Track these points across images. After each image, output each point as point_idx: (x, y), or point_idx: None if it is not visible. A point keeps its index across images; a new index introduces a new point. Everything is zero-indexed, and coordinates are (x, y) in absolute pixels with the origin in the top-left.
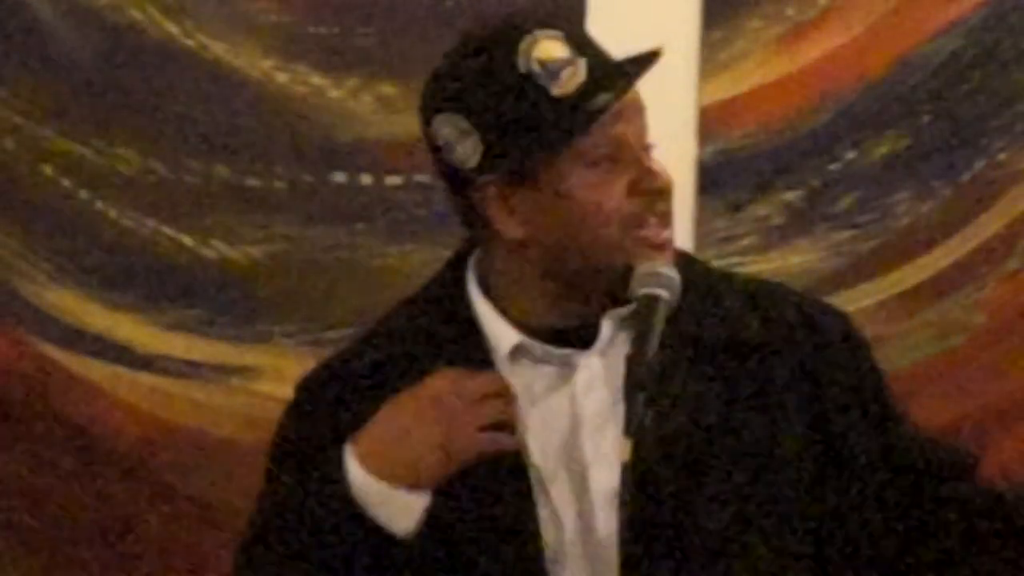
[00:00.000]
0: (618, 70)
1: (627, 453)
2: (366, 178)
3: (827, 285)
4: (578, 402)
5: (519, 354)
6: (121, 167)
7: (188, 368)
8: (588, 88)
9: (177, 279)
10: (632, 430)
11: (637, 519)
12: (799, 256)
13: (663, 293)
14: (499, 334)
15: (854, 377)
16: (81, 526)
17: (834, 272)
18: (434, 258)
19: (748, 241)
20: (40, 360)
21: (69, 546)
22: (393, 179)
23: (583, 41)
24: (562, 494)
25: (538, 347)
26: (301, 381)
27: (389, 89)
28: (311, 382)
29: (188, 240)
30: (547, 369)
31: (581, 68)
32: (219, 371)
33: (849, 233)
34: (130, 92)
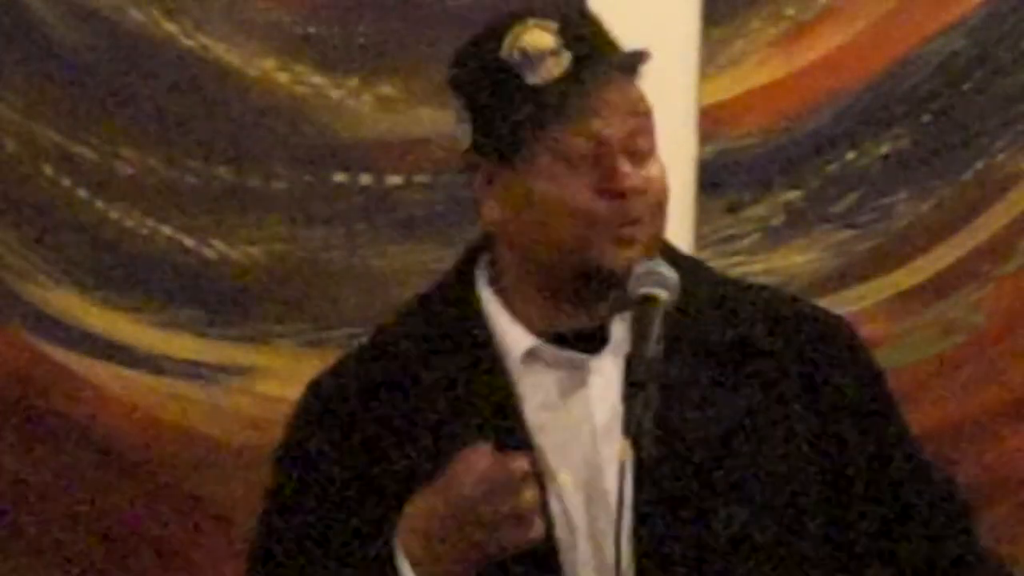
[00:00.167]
0: (602, 66)
1: (626, 453)
2: (366, 178)
3: (827, 285)
4: (594, 406)
5: (531, 358)
6: (121, 167)
7: (188, 368)
8: (565, 81)
9: (177, 279)
10: (631, 430)
11: (648, 523)
12: (799, 256)
13: (661, 293)
14: (511, 337)
15: (858, 383)
16: (81, 526)
17: (834, 272)
18: (434, 258)
19: (748, 241)
20: (40, 360)
21: (69, 546)
22: (393, 179)
23: (578, 36)
24: (575, 496)
25: (551, 351)
26: (311, 383)
27: (389, 89)
28: (321, 384)
29: (188, 240)
30: (559, 373)
31: (564, 60)
32: (219, 371)
33: (849, 233)
34: (130, 92)
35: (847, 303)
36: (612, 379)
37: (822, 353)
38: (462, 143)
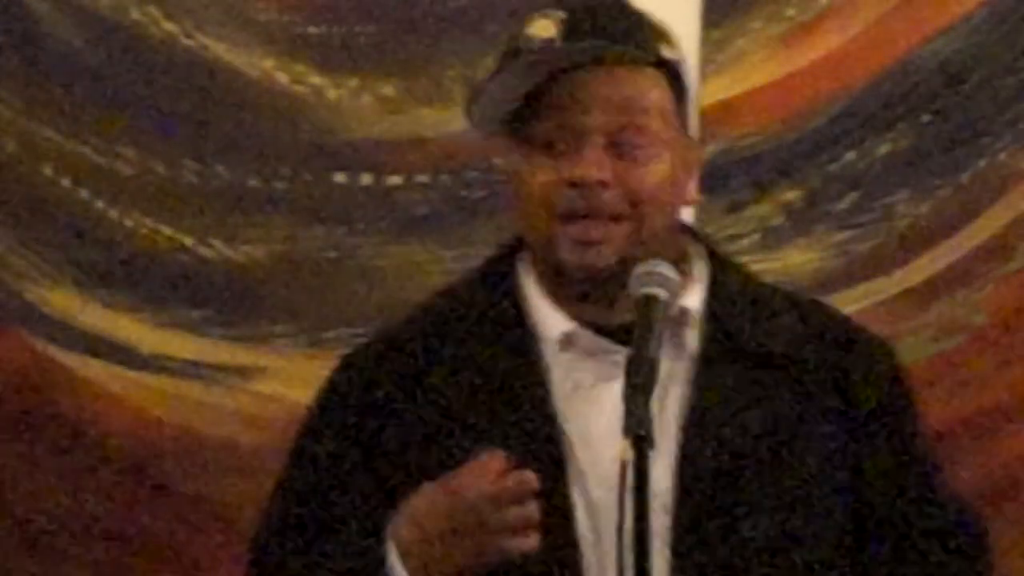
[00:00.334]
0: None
1: (626, 452)
2: (366, 178)
3: (827, 285)
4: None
5: (567, 344)
6: (121, 167)
7: (188, 368)
8: (553, 69)
9: (177, 279)
10: (632, 430)
11: (679, 527)
12: (799, 256)
13: (661, 292)
14: (549, 321)
15: (890, 408)
16: (81, 526)
17: (834, 272)
18: (434, 258)
19: (748, 241)
20: (40, 360)
21: (69, 546)
22: (393, 179)
23: (584, 27)
24: (597, 488)
25: (588, 338)
26: (344, 357)
27: (389, 89)
28: (355, 356)
29: (188, 240)
30: (593, 363)
31: (558, 50)
32: (219, 371)
33: (849, 233)
34: (130, 92)
35: (847, 303)
36: None
37: (859, 373)
38: None
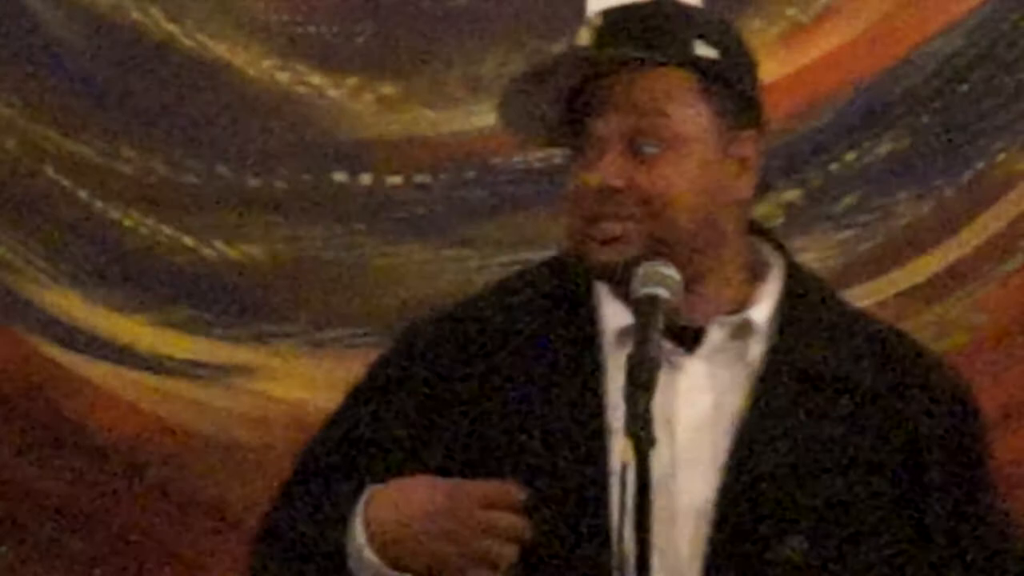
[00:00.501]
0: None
1: (628, 453)
2: (366, 178)
3: None
4: (677, 403)
5: (626, 338)
6: (121, 167)
7: (188, 368)
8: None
9: (177, 279)
10: (633, 430)
11: (716, 540)
12: (799, 256)
13: (662, 292)
14: (611, 315)
15: (956, 442)
16: (81, 525)
17: (834, 272)
18: (434, 258)
19: None
20: (40, 360)
21: (69, 545)
22: (393, 179)
23: (614, 31)
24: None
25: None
26: (408, 327)
27: (389, 89)
28: (416, 329)
29: (188, 240)
30: None
31: (588, 56)
32: (219, 371)
33: (849, 233)
34: (130, 92)
35: None
36: (699, 380)
37: (924, 408)
38: None
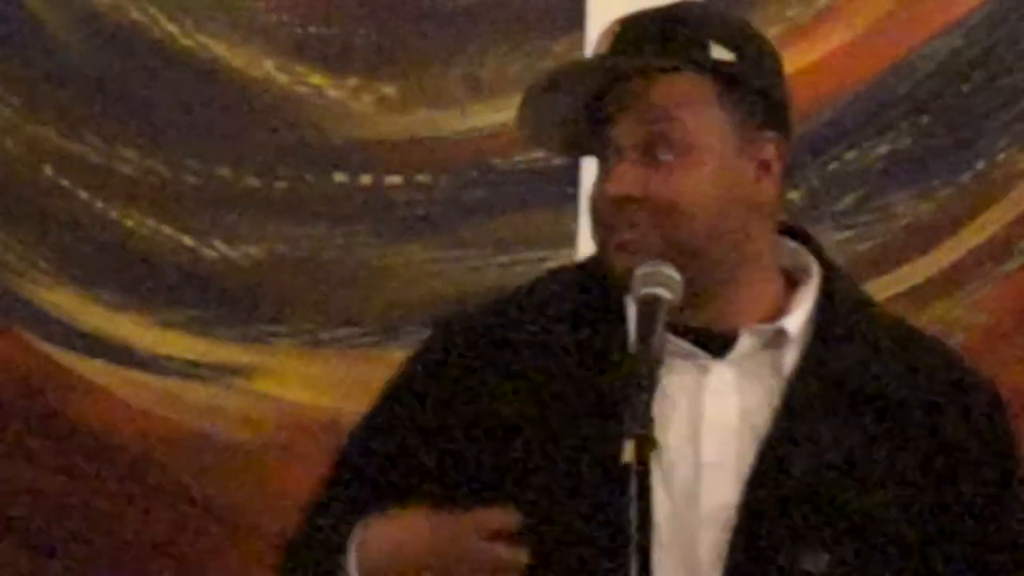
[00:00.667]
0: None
1: (629, 454)
2: (366, 178)
3: None
4: (704, 408)
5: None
6: (121, 167)
7: (188, 368)
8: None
9: (177, 279)
10: (634, 431)
11: (736, 547)
12: None
13: (664, 293)
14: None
15: (989, 457)
16: (81, 526)
17: None
18: (434, 258)
19: None
20: (40, 360)
21: (69, 545)
22: (393, 179)
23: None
24: (657, 490)
25: (672, 338)
26: (441, 322)
27: (389, 89)
28: (451, 324)
29: (188, 240)
30: (676, 365)
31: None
32: (219, 371)
33: (849, 233)
34: (130, 92)
35: None
36: (727, 386)
37: (959, 423)
38: None
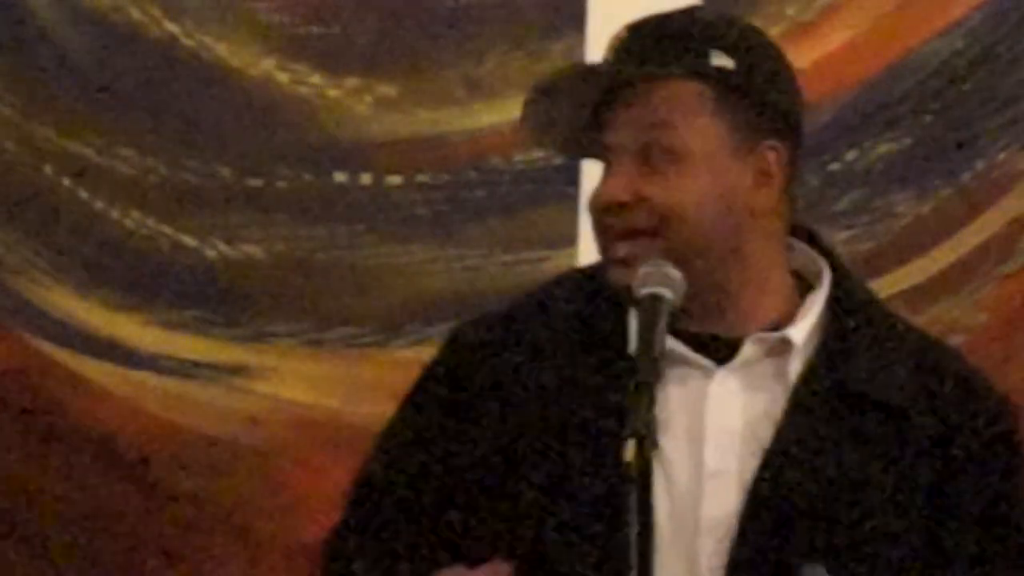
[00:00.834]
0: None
1: (630, 454)
2: (366, 178)
3: None
4: (706, 415)
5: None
6: (121, 167)
7: (188, 368)
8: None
9: (177, 279)
10: (634, 431)
11: (736, 557)
12: None
13: (665, 292)
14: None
15: (996, 473)
16: (81, 526)
17: None
18: (434, 258)
19: None
20: (40, 360)
21: (70, 546)
22: (393, 179)
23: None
24: (661, 499)
25: (675, 346)
26: (455, 330)
27: (389, 89)
28: (464, 333)
29: (188, 240)
30: (680, 371)
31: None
32: (219, 371)
33: (849, 233)
34: (130, 92)
35: None
36: (729, 393)
37: (968, 434)
38: None
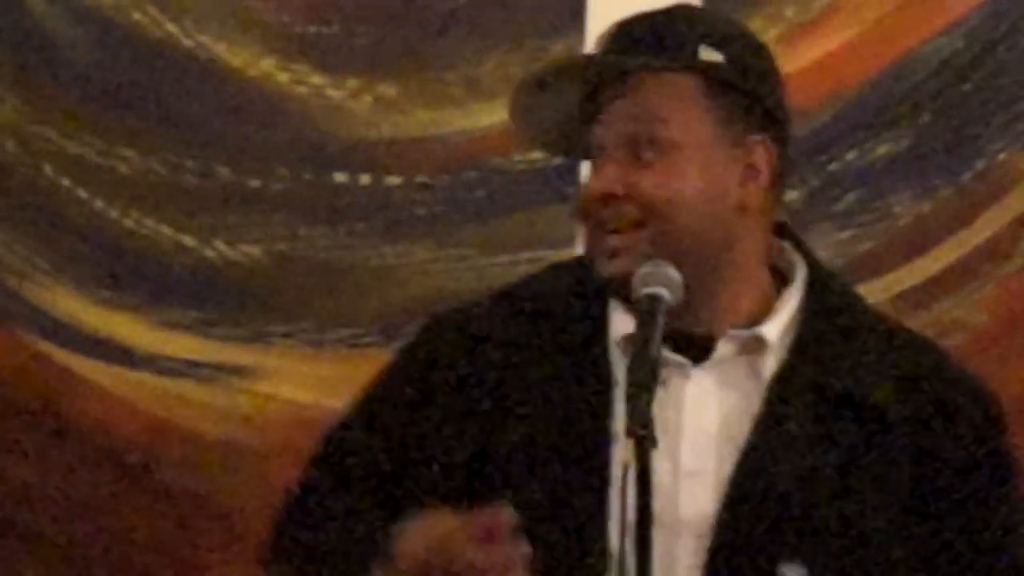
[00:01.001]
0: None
1: (629, 454)
2: (366, 178)
3: None
4: (683, 414)
5: (629, 346)
6: (121, 167)
7: (188, 368)
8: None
9: (177, 279)
10: (633, 431)
11: (714, 556)
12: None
13: (664, 292)
14: (617, 323)
15: (976, 466)
16: (82, 526)
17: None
18: (434, 258)
19: None
20: (40, 360)
21: (69, 546)
22: (393, 179)
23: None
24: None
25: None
26: (431, 317)
27: (389, 89)
28: (438, 322)
29: (188, 240)
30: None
31: (596, 63)
32: (219, 371)
33: (849, 233)
34: (130, 92)
35: None
36: (706, 392)
37: (947, 427)
38: None
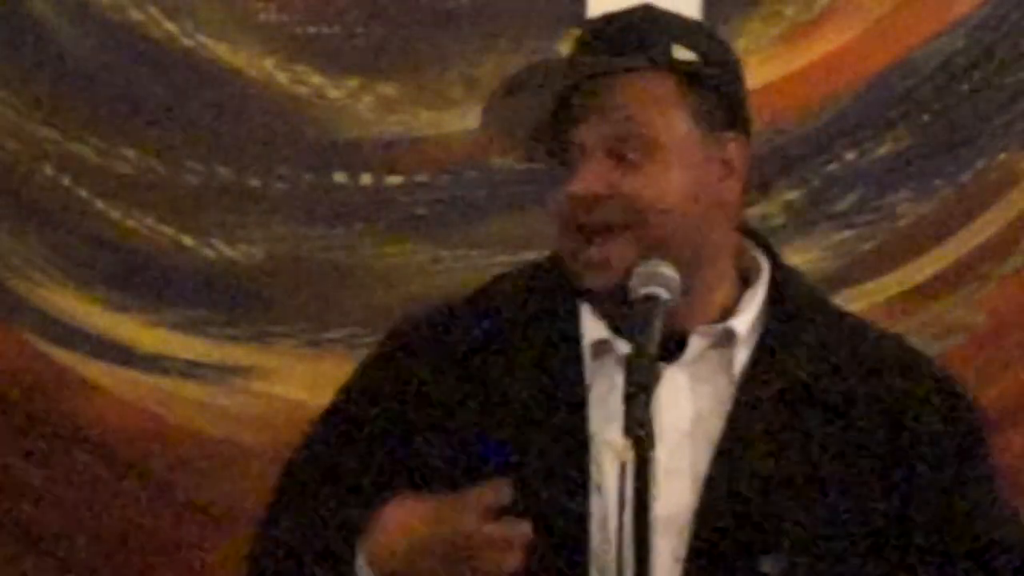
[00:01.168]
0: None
1: (627, 454)
2: (366, 178)
3: (827, 285)
4: (658, 413)
5: (603, 351)
6: (121, 167)
7: (188, 368)
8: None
9: (177, 279)
10: (632, 431)
11: (694, 552)
12: (799, 256)
13: (662, 293)
14: (588, 327)
15: (946, 458)
16: (82, 526)
17: (834, 272)
18: (434, 258)
19: None
20: (40, 360)
21: (70, 546)
22: (393, 179)
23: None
24: (613, 495)
25: (622, 347)
26: (398, 323)
27: (389, 89)
28: (405, 328)
29: (188, 240)
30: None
31: (571, 66)
32: (219, 371)
33: (849, 233)
34: (130, 92)
35: (847, 303)
36: (680, 390)
37: (913, 414)
38: None
